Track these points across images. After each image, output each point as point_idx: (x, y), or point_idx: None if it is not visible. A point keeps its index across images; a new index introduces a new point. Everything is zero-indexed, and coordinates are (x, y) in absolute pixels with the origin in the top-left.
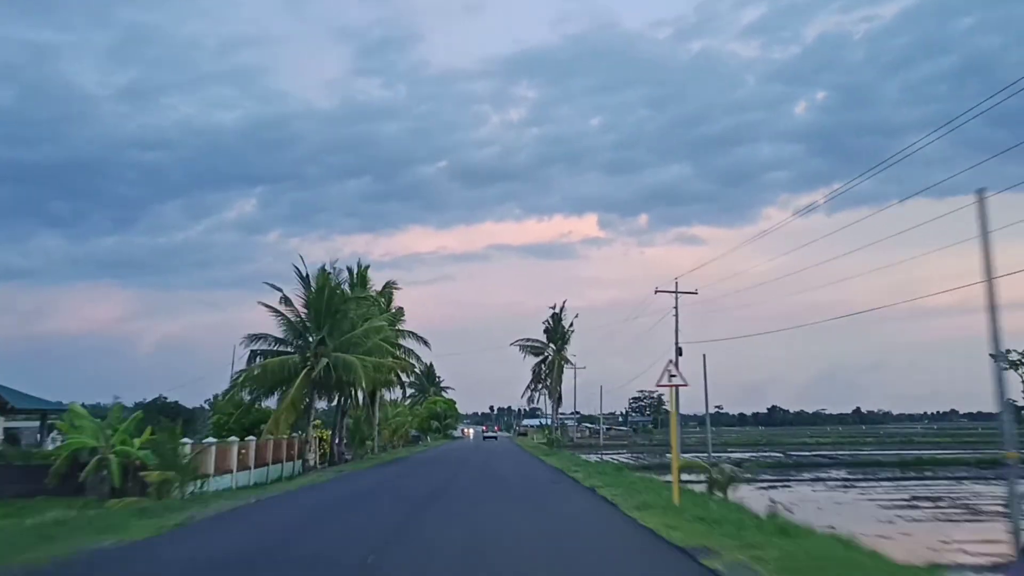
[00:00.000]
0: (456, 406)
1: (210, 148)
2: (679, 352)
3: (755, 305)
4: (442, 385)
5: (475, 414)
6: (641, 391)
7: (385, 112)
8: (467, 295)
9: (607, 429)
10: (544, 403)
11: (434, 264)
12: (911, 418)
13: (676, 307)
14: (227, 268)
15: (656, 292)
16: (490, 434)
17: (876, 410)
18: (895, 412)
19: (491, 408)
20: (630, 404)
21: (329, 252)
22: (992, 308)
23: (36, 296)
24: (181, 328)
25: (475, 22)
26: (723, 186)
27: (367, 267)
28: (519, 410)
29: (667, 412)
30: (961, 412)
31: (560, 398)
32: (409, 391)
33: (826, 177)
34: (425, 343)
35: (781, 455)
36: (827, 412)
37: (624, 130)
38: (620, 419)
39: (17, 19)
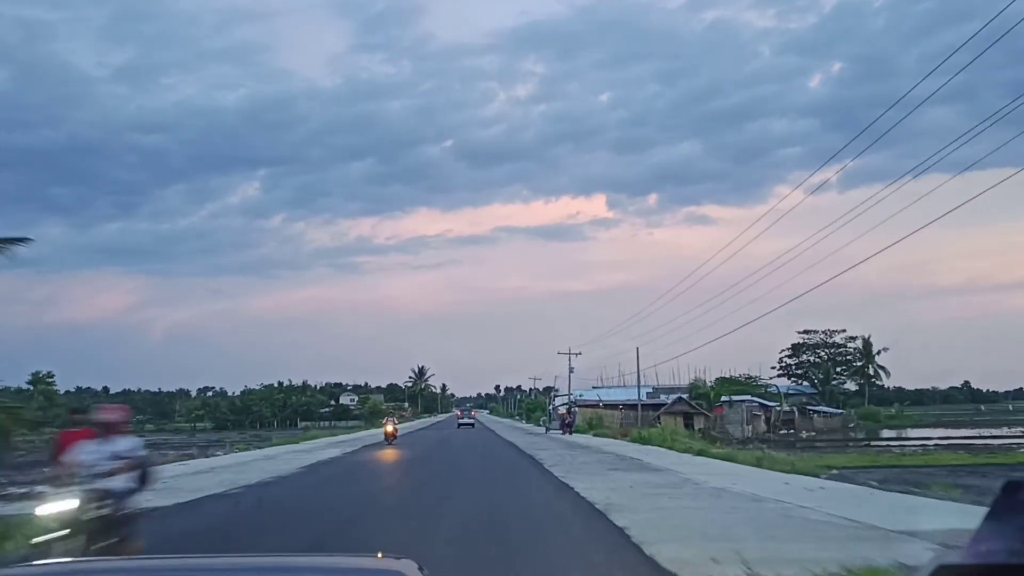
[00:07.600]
0: None
1: (212, 130)
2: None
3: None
4: None
5: (478, 396)
6: (806, 332)
7: (389, 90)
8: (474, 279)
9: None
10: (557, 381)
11: (440, 247)
12: (1008, 395)
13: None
14: (232, 254)
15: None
16: (466, 420)
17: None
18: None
19: (496, 388)
20: (784, 360)
21: (334, 237)
22: None
23: (42, 285)
24: (189, 316)
25: None
26: (734, 164)
27: None
28: (530, 391)
29: (868, 376)
30: None
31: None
32: None
33: (841, 153)
34: None
35: None
36: (937, 388)
37: (634, 106)
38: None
39: None
